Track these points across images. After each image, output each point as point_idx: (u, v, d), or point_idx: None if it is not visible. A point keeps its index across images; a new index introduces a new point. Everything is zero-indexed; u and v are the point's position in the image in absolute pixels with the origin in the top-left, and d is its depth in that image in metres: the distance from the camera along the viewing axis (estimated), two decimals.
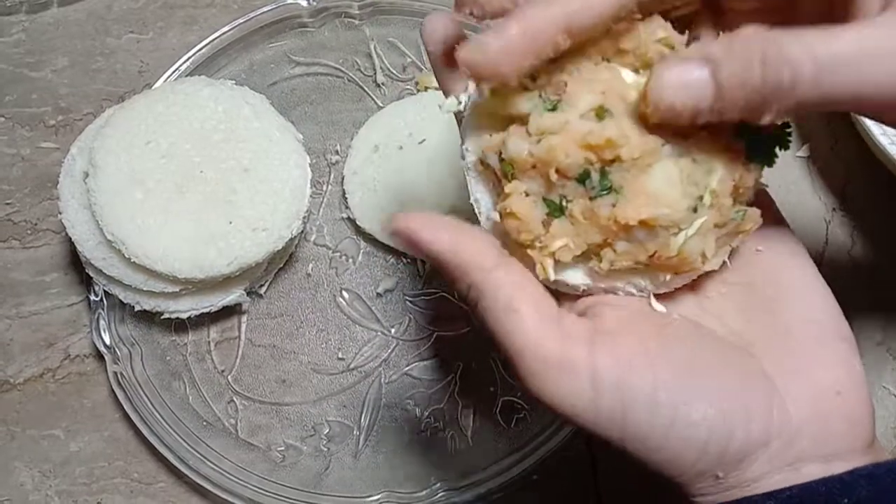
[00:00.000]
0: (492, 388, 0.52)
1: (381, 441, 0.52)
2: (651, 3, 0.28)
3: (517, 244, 0.30)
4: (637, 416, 0.28)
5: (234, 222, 0.47)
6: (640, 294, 0.32)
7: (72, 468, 0.51)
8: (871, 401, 0.30)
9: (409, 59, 0.57)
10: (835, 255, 0.53)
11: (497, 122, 0.31)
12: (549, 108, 0.29)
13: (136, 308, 0.50)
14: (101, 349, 0.51)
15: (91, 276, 0.50)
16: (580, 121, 0.28)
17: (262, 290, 0.53)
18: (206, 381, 0.52)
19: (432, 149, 0.54)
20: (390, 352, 0.53)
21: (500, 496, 0.50)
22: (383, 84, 0.57)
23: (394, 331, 0.53)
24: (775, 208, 0.34)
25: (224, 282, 0.49)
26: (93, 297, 0.51)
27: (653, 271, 0.30)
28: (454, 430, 0.52)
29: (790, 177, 0.54)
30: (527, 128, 0.29)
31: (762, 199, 0.32)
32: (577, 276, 0.31)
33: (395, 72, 0.57)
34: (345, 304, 0.54)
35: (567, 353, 0.28)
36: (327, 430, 0.52)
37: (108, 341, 0.51)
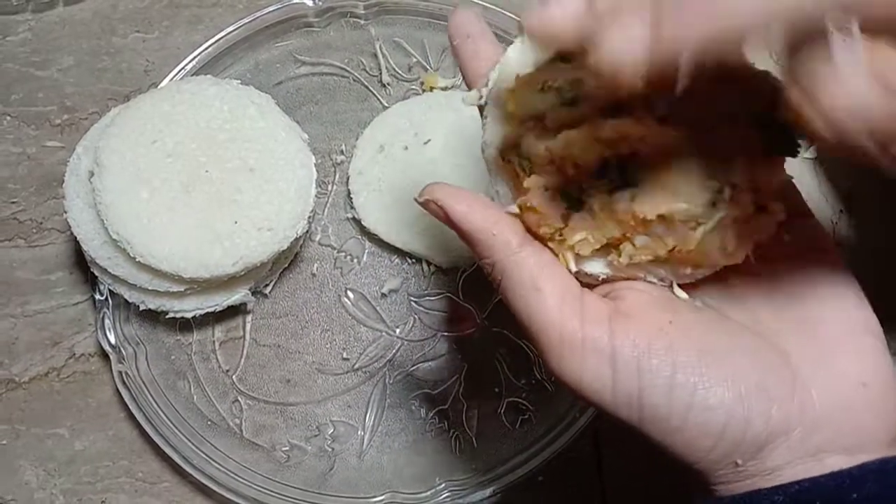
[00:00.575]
0: (497, 388, 0.52)
1: (386, 441, 0.52)
2: None
3: (537, 237, 0.31)
4: (655, 398, 0.28)
5: (240, 222, 0.47)
6: (661, 284, 0.32)
7: (76, 467, 0.51)
8: None
9: (414, 59, 0.57)
10: (840, 257, 0.53)
11: (516, 118, 0.30)
12: (566, 103, 0.29)
13: (141, 307, 0.50)
14: (106, 348, 0.51)
15: (96, 275, 0.50)
16: (597, 116, 0.28)
17: (266, 290, 0.53)
18: (211, 381, 0.52)
19: (437, 149, 0.54)
20: (395, 352, 0.53)
21: (504, 497, 0.50)
22: (389, 84, 0.57)
23: (398, 331, 0.53)
24: (801, 200, 0.33)
25: (229, 281, 0.49)
26: (98, 297, 0.51)
27: (673, 265, 0.30)
28: (459, 430, 0.51)
29: (797, 179, 0.54)
30: (545, 122, 0.29)
31: (788, 191, 0.32)
32: (597, 267, 0.31)
33: (400, 72, 0.57)
34: (350, 304, 0.54)
35: (588, 332, 0.28)
36: (332, 431, 0.52)
37: (113, 340, 0.51)
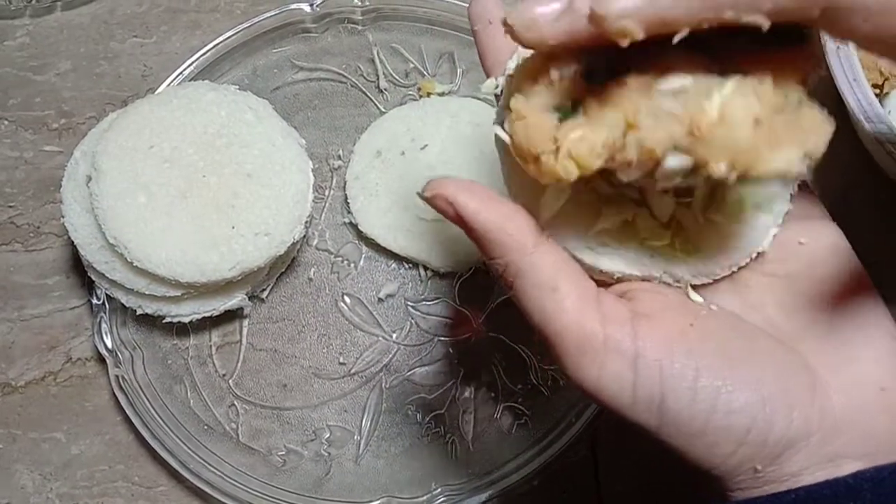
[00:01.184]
0: (493, 393, 0.52)
1: (382, 446, 0.52)
2: None
3: (531, 158, 0.26)
4: (676, 402, 0.27)
5: (237, 227, 0.47)
6: (676, 285, 0.31)
7: (73, 471, 0.51)
8: None
9: (411, 65, 0.58)
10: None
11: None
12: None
13: (138, 312, 0.50)
14: (103, 352, 0.51)
15: (93, 279, 0.50)
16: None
17: (263, 295, 0.53)
18: (208, 385, 0.52)
19: (435, 154, 0.54)
20: (391, 357, 0.53)
21: (501, 502, 0.50)
22: (386, 89, 0.57)
23: (395, 336, 0.53)
24: (817, 201, 0.33)
25: (226, 286, 0.49)
26: (95, 301, 0.51)
27: (702, 161, 0.24)
28: (455, 435, 0.52)
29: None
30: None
31: (805, 192, 0.31)
32: (613, 263, 0.30)
33: (397, 77, 0.58)
34: (346, 308, 0.54)
35: (610, 333, 0.27)
36: (328, 435, 0.52)
37: (109, 345, 0.51)
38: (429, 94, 0.57)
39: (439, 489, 0.50)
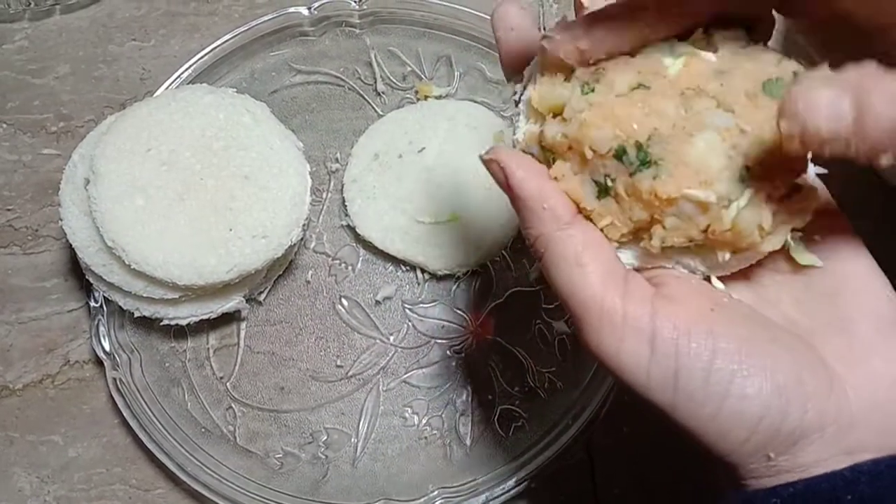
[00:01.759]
0: (490, 396, 0.52)
1: (379, 449, 0.52)
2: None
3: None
4: (691, 382, 0.28)
5: (234, 229, 0.48)
6: (690, 273, 0.31)
7: (70, 474, 0.51)
8: None
9: (409, 68, 0.58)
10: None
11: (542, 115, 0.31)
12: (586, 93, 0.29)
13: (136, 314, 0.50)
14: (101, 355, 0.51)
15: (91, 282, 0.50)
16: (612, 97, 0.28)
17: (261, 297, 0.54)
18: (205, 388, 0.52)
19: (432, 157, 0.54)
20: (389, 359, 0.53)
21: None
22: (383, 93, 0.57)
23: (392, 338, 0.53)
24: (830, 199, 0.33)
25: (223, 289, 0.49)
26: (92, 304, 0.51)
27: (710, 251, 0.29)
28: (452, 438, 0.52)
29: None
30: (563, 114, 0.29)
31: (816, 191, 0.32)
32: (626, 257, 0.31)
33: (395, 80, 0.58)
34: (344, 311, 0.54)
35: (630, 310, 0.28)
36: (325, 438, 0.52)
37: (107, 347, 0.51)
38: (426, 97, 0.57)
39: (436, 492, 0.50)
